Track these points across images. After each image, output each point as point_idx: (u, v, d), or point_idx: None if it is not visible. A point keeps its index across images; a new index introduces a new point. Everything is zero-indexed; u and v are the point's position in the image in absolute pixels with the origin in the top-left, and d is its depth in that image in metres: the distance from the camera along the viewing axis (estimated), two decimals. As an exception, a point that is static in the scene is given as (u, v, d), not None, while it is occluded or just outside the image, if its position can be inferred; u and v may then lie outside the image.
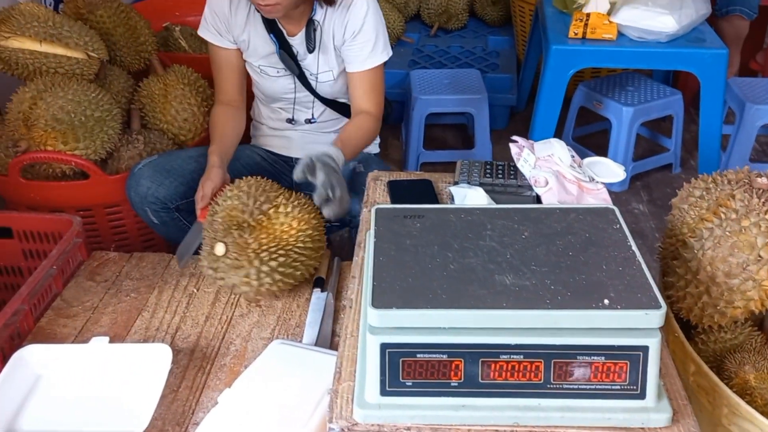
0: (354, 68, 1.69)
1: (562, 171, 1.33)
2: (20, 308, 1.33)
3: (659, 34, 2.23)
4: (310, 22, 1.65)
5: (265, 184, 1.44)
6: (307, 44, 1.68)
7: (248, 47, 1.72)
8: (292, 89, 1.77)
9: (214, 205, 1.45)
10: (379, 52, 1.68)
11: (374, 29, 1.66)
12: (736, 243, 1.03)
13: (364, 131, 1.68)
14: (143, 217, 1.72)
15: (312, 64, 1.72)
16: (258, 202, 1.38)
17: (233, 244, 1.34)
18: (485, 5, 3.85)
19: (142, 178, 1.68)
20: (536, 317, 0.85)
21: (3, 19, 1.77)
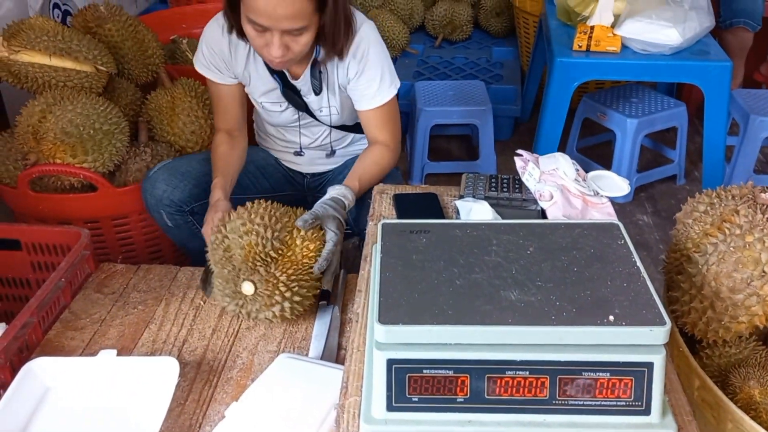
0: (363, 107, 1.66)
1: (567, 185, 1.34)
2: (29, 321, 1.34)
3: (663, 47, 2.24)
4: (315, 64, 1.62)
5: (273, 209, 1.39)
6: (313, 87, 1.65)
7: (249, 83, 1.70)
8: (296, 119, 1.76)
9: (223, 238, 1.38)
10: (387, 87, 1.64)
11: (378, 65, 1.61)
12: (740, 258, 1.03)
13: (382, 167, 1.65)
14: (158, 220, 1.73)
15: (317, 102, 1.69)
16: (275, 232, 1.35)
17: (262, 281, 1.31)
18: (489, 17, 3.87)
19: (158, 182, 1.69)
20: (542, 333, 0.86)
21: (13, 34, 1.79)
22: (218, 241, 1.37)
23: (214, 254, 1.38)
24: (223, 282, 1.35)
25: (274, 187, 1.86)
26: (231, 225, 1.36)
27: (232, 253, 1.35)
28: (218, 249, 1.37)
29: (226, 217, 1.40)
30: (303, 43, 1.47)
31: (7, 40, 1.78)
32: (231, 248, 1.35)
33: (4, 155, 1.87)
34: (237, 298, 1.34)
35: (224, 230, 1.37)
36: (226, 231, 1.37)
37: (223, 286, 1.35)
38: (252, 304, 1.33)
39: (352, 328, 1.13)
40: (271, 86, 1.68)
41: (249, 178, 1.81)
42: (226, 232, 1.37)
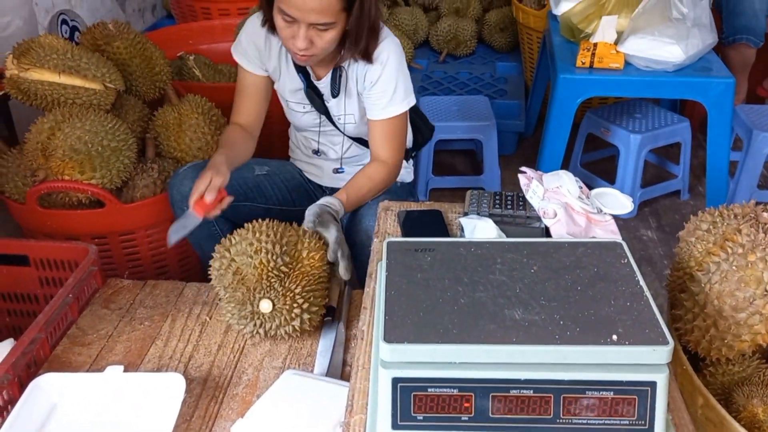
0: (372, 116, 1.70)
1: (570, 203, 1.35)
2: (37, 337, 1.35)
3: (666, 64, 2.25)
4: (337, 68, 1.67)
5: (275, 226, 1.40)
6: (332, 89, 1.70)
7: (279, 79, 1.76)
8: (317, 124, 1.81)
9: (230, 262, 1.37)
10: (398, 102, 1.68)
11: (393, 79, 1.65)
12: (742, 277, 1.04)
13: (374, 182, 1.68)
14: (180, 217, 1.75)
15: (336, 107, 1.75)
16: (283, 247, 1.35)
17: (279, 297, 1.32)
18: (493, 32, 3.90)
19: (186, 179, 1.71)
20: (545, 352, 0.87)
21: (23, 52, 1.82)
22: (225, 266, 1.36)
23: (223, 280, 1.37)
24: (237, 305, 1.34)
25: (294, 200, 1.89)
26: (236, 248, 1.35)
27: (244, 274, 1.34)
28: (227, 274, 1.36)
29: (227, 242, 1.39)
30: (327, 39, 1.52)
31: (17, 58, 1.81)
32: (241, 270, 1.35)
33: (13, 171, 1.89)
34: (255, 319, 1.33)
35: (229, 254, 1.36)
36: (232, 255, 1.36)
37: (239, 309, 1.34)
38: (271, 321, 1.33)
39: (357, 345, 1.14)
40: (297, 85, 1.74)
41: (273, 189, 1.84)
42: (232, 256, 1.36)
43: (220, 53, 2.88)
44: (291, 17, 1.47)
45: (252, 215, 1.60)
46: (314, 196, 1.92)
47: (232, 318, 1.37)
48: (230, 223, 1.78)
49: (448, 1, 3.94)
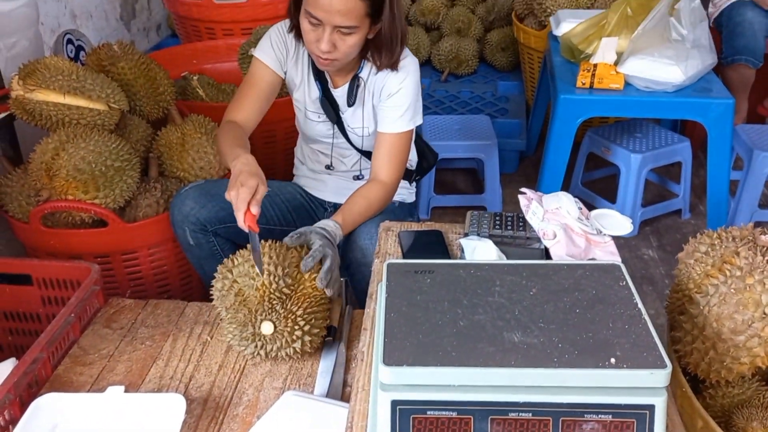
0: (381, 128, 1.73)
1: (570, 224, 1.36)
2: (39, 356, 1.36)
3: (666, 85, 2.27)
4: (355, 78, 1.72)
5: (277, 247, 1.40)
6: (348, 98, 1.74)
7: (296, 86, 1.80)
8: (330, 135, 1.83)
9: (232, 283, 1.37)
10: (407, 120, 1.71)
11: (408, 96, 1.69)
12: (741, 300, 1.05)
13: (371, 203, 1.68)
14: (180, 237, 1.76)
15: (350, 117, 1.78)
16: (285, 269, 1.36)
17: (280, 319, 1.32)
18: (495, 51, 3.93)
19: (188, 199, 1.73)
20: (544, 376, 0.87)
21: (29, 73, 1.84)
22: (227, 287, 1.37)
23: (225, 300, 1.38)
24: (238, 327, 1.35)
25: (295, 220, 1.90)
26: (239, 269, 1.36)
27: (245, 296, 1.35)
28: (229, 295, 1.37)
29: (229, 263, 1.39)
30: (349, 44, 1.56)
31: (23, 78, 1.83)
32: (243, 291, 1.36)
33: (17, 191, 1.90)
34: (256, 340, 1.34)
35: (231, 275, 1.37)
36: (234, 276, 1.36)
37: (240, 330, 1.34)
38: (272, 343, 1.34)
39: (357, 366, 1.14)
40: (313, 94, 1.77)
41: (274, 209, 1.85)
42: (234, 277, 1.36)
43: (223, 73, 2.91)
44: (317, 19, 1.52)
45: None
46: (316, 215, 1.93)
47: (233, 339, 1.37)
48: (231, 243, 1.79)
49: (450, 21, 3.97)
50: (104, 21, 3.49)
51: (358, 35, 1.57)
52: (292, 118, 1.97)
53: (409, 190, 1.97)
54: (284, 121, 1.89)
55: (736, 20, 2.94)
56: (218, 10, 3.08)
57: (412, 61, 1.71)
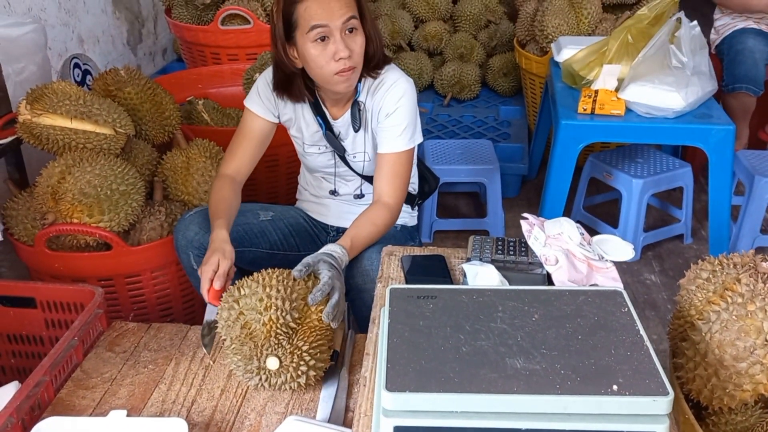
0: (381, 149, 1.73)
1: (572, 249, 1.37)
2: (42, 380, 1.36)
3: (666, 111, 2.29)
4: (355, 103, 1.73)
5: (285, 279, 1.37)
6: (353, 124, 1.75)
7: (293, 125, 1.81)
8: (332, 164, 1.85)
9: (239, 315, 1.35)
10: (406, 138, 1.71)
11: (406, 115, 1.70)
12: (742, 327, 1.05)
13: (377, 227, 1.68)
14: (184, 261, 1.77)
15: (351, 145, 1.80)
16: (293, 303, 1.34)
17: (286, 355, 1.31)
18: (497, 76, 3.97)
19: (192, 224, 1.74)
20: (546, 402, 0.87)
21: (37, 98, 1.86)
22: (233, 318, 1.35)
23: (231, 331, 1.36)
24: (244, 359, 1.33)
25: (298, 245, 1.90)
26: (246, 301, 1.34)
27: (252, 329, 1.33)
28: (235, 326, 1.35)
29: (236, 292, 1.38)
30: (359, 43, 1.60)
31: (31, 103, 1.85)
32: (250, 324, 1.33)
33: (23, 214, 1.92)
34: (260, 373, 1.33)
35: (238, 306, 1.35)
36: (241, 307, 1.35)
37: (245, 363, 1.33)
38: (277, 377, 1.33)
39: (359, 391, 1.14)
40: (313, 130, 1.79)
41: (277, 234, 1.86)
42: (240, 308, 1.35)
43: (228, 97, 2.94)
44: (323, 27, 1.55)
45: (256, 261, 1.63)
46: (318, 240, 1.94)
47: (237, 370, 1.36)
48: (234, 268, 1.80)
49: (453, 47, 4.02)
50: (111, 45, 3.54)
51: (361, 34, 1.60)
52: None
53: (410, 214, 1.98)
54: (286, 145, 1.91)
55: (737, 48, 2.97)
56: (224, 35, 3.12)
57: (407, 81, 1.72)
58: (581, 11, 3.13)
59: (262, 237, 1.85)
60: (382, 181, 1.73)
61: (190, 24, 3.26)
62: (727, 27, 3.13)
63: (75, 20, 3.17)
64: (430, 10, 4.06)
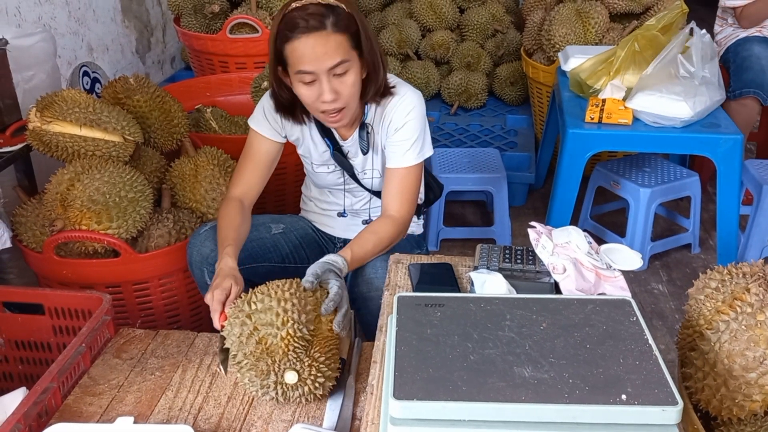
0: (389, 164, 1.71)
1: (580, 258, 1.37)
2: (50, 386, 1.37)
3: (674, 120, 2.28)
4: (363, 126, 1.71)
5: (297, 291, 1.35)
6: (361, 147, 1.72)
7: (302, 145, 1.80)
8: (341, 182, 1.83)
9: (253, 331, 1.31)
10: (415, 153, 1.69)
11: (415, 129, 1.68)
12: (752, 337, 1.04)
13: (381, 239, 1.65)
14: (198, 276, 1.76)
15: (361, 164, 1.78)
16: (308, 315, 1.32)
17: (305, 368, 1.30)
18: (504, 86, 3.97)
19: (207, 240, 1.73)
20: (555, 411, 0.87)
21: (46, 105, 1.88)
22: (246, 334, 1.31)
23: (243, 347, 1.31)
24: (259, 375, 1.30)
25: (308, 256, 1.90)
26: (259, 317, 1.30)
27: (269, 344, 1.29)
28: (249, 342, 1.31)
29: (246, 306, 1.34)
30: (349, 84, 1.56)
31: (40, 111, 1.86)
32: (266, 340, 1.29)
33: (31, 221, 1.93)
34: (277, 387, 1.30)
35: (251, 321, 1.31)
36: (254, 322, 1.30)
37: (261, 378, 1.30)
38: (294, 390, 1.31)
39: (366, 399, 1.14)
40: (322, 150, 1.77)
41: (289, 246, 1.86)
42: (254, 323, 1.30)
43: (236, 105, 2.95)
44: (309, 73, 1.52)
45: (269, 274, 1.62)
46: (325, 249, 1.94)
47: (251, 386, 1.32)
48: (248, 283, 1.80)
49: (460, 56, 4.02)
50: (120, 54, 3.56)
51: (354, 72, 1.56)
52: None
53: (417, 222, 1.97)
54: (293, 154, 1.91)
55: (743, 55, 2.96)
56: (232, 43, 3.14)
57: (416, 95, 1.71)
58: (588, 21, 3.13)
59: (275, 251, 1.84)
60: (389, 196, 1.71)
61: (199, 33, 3.28)
62: (730, 37, 3.13)
63: (85, 29, 3.20)
64: (438, 20, 4.07)
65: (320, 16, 1.49)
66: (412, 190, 1.72)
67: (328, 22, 1.50)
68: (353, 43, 1.54)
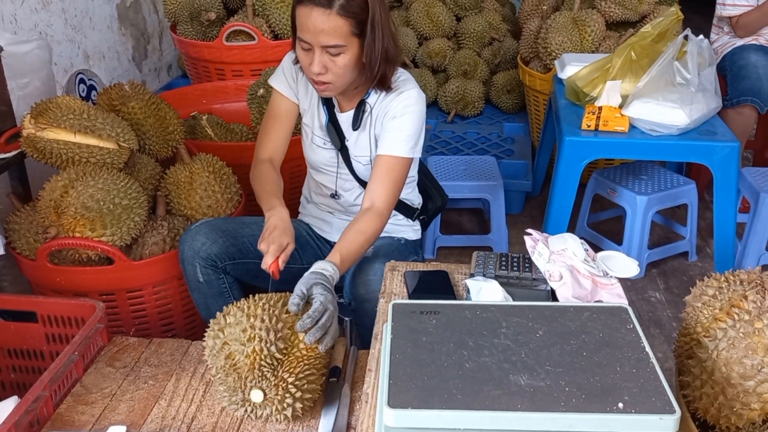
0: (379, 150, 1.71)
1: (576, 265, 1.36)
2: (41, 395, 1.35)
3: (671, 128, 2.28)
4: (362, 103, 1.73)
5: (271, 305, 1.32)
6: (353, 123, 1.75)
7: (305, 111, 1.83)
8: (335, 164, 1.83)
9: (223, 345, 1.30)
10: (408, 146, 1.69)
11: (412, 123, 1.69)
12: (750, 345, 1.04)
13: (366, 236, 1.63)
14: (189, 273, 1.75)
15: (353, 145, 1.79)
16: (278, 333, 1.28)
17: (271, 387, 1.27)
18: (500, 93, 3.97)
19: (199, 234, 1.74)
20: (551, 420, 0.86)
21: (41, 112, 1.87)
22: (218, 348, 1.30)
23: (216, 361, 1.30)
24: (228, 390, 1.29)
25: (302, 257, 1.89)
26: (230, 330, 1.29)
27: (236, 360, 1.27)
28: (219, 356, 1.30)
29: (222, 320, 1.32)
30: (340, 65, 1.58)
31: (35, 117, 1.85)
32: (233, 355, 1.28)
33: (25, 228, 1.91)
34: (246, 405, 1.28)
35: (222, 335, 1.30)
36: (225, 336, 1.29)
37: (230, 394, 1.29)
38: (262, 409, 1.29)
39: (361, 408, 1.13)
40: (321, 119, 1.80)
41: None
42: (225, 338, 1.29)
43: (232, 113, 2.95)
44: (306, 42, 1.56)
45: (261, 273, 1.61)
46: (321, 252, 1.93)
47: (223, 400, 1.32)
48: (239, 283, 1.79)
49: (457, 64, 4.03)
50: (116, 61, 3.55)
51: (348, 55, 1.58)
52: (297, 158, 1.99)
53: (413, 227, 1.96)
54: (289, 161, 1.90)
55: (740, 63, 2.96)
56: (228, 51, 3.13)
57: (420, 94, 1.72)
58: (585, 29, 3.14)
59: None
60: (376, 182, 1.69)
61: (195, 40, 3.27)
62: (726, 46, 3.14)
63: (81, 36, 3.19)
64: (434, 28, 4.08)
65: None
66: (398, 182, 1.71)
67: (338, 3, 1.52)
68: (357, 30, 1.56)
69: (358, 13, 1.54)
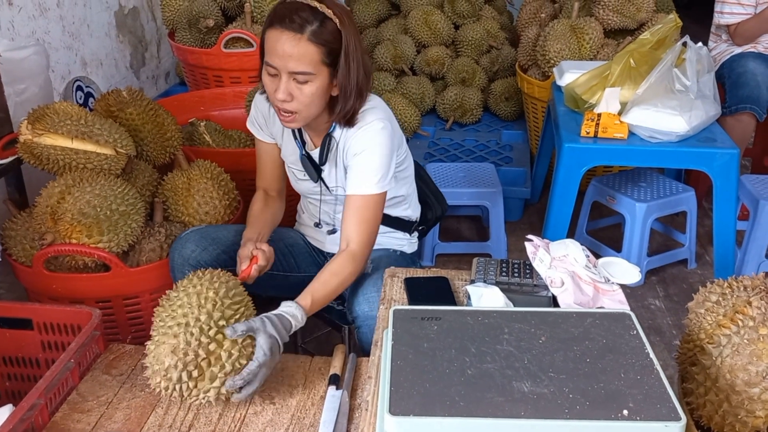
0: (347, 190, 1.65)
1: (578, 272, 1.35)
2: (37, 402, 1.33)
3: (670, 135, 2.28)
4: (327, 137, 1.68)
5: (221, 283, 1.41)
6: (320, 157, 1.71)
7: (282, 145, 1.81)
8: (317, 192, 1.82)
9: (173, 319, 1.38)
10: (374, 182, 1.61)
11: (376, 157, 1.61)
12: (754, 351, 1.03)
13: (341, 279, 1.58)
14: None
15: (328, 177, 1.75)
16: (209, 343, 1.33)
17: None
18: (499, 101, 3.98)
19: (189, 242, 1.73)
20: (555, 427, 0.85)
21: (38, 117, 1.86)
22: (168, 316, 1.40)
23: (161, 325, 1.39)
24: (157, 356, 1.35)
25: (299, 265, 1.88)
26: (181, 311, 1.38)
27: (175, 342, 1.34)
28: (167, 324, 1.38)
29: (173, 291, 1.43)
30: (306, 93, 1.53)
31: (32, 123, 1.84)
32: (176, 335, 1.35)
33: (21, 234, 1.90)
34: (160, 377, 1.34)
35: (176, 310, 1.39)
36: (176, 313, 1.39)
37: (154, 362, 1.35)
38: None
39: (361, 416, 1.11)
40: (296, 153, 1.77)
41: (278, 255, 1.83)
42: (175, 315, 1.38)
43: (230, 119, 2.94)
44: (273, 67, 1.51)
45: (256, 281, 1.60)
46: (317, 261, 1.91)
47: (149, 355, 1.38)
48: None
49: (455, 71, 4.03)
50: (114, 69, 3.55)
51: (315, 84, 1.52)
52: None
53: (409, 240, 1.94)
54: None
55: (739, 71, 2.97)
56: (227, 58, 3.13)
57: (383, 123, 1.63)
58: (583, 36, 3.14)
59: None
60: (348, 223, 1.64)
61: (193, 47, 3.27)
62: (724, 53, 3.14)
63: (79, 43, 3.19)
64: (433, 35, 4.08)
65: (304, 20, 1.48)
66: (371, 221, 1.64)
67: (309, 29, 1.48)
68: (328, 59, 1.51)
69: (330, 41, 1.50)
